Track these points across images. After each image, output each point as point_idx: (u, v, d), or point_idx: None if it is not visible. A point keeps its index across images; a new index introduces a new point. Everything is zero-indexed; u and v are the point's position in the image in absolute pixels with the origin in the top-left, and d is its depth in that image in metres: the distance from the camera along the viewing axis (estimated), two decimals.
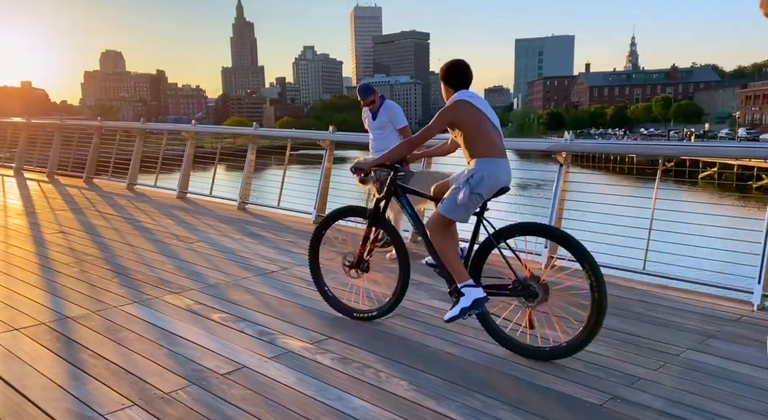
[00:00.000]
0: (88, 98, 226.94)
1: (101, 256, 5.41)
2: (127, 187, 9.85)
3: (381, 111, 5.61)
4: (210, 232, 6.63)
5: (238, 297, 4.26)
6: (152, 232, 6.54)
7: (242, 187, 8.20)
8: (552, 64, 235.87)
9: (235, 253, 5.65)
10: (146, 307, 4.02)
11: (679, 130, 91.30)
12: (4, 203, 8.39)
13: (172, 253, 5.57)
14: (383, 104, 5.63)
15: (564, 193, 5.01)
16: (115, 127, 11.10)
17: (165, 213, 7.77)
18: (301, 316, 3.87)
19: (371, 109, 5.67)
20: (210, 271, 4.97)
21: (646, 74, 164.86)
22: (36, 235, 6.35)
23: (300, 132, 8.72)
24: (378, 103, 5.63)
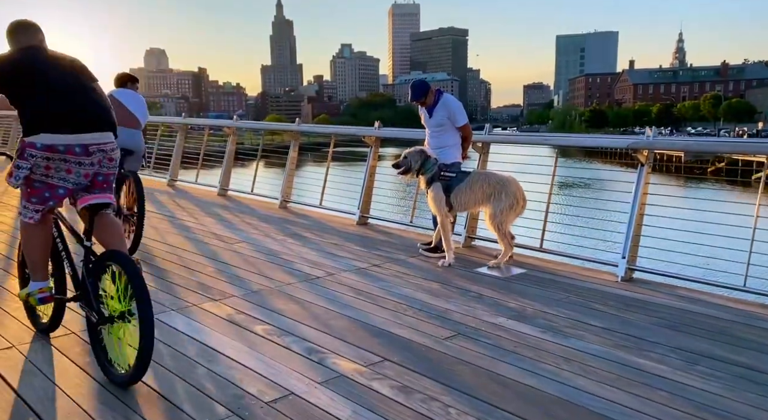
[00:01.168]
0: None
1: (140, 258, 5.13)
2: (168, 183, 9.68)
3: (438, 108, 5.15)
4: (252, 232, 6.32)
5: (283, 306, 3.90)
6: (193, 231, 6.27)
7: (284, 185, 7.88)
8: (594, 61, 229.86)
9: (277, 255, 5.30)
10: (184, 316, 3.69)
11: (730, 129, 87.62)
12: None
13: (212, 255, 5.27)
14: (440, 100, 5.16)
15: (645, 197, 4.46)
16: (156, 122, 10.97)
17: (206, 211, 7.52)
18: (351, 331, 3.47)
19: (425, 106, 5.22)
20: (252, 275, 4.63)
21: (694, 71, 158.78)
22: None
23: (344, 128, 8.37)
24: (433, 99, 5.17)
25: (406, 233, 6.31)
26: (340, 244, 5.76)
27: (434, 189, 4.87)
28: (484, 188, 4.72)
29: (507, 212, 4.61)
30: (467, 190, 4.78)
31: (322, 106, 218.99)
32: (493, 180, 4.74)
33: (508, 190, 4.65)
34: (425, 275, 4.65)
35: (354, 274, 4.68)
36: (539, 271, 4.74)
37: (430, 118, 5.24)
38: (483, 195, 4.72)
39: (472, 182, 4.80)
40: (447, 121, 5.16)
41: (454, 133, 5.21)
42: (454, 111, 5.12)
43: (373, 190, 6.90)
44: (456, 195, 4.83)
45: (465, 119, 5.17)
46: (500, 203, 4.62)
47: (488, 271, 4.74)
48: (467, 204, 4.86)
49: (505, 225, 4.66)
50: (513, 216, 4.67)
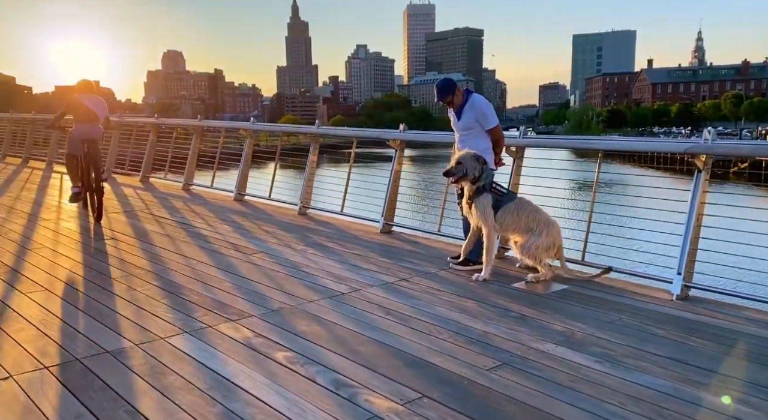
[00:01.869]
0: (150, 96, 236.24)
1: (152, 270, 4.84)
2: (183, 187, 9.42)
3: (466, 109, 4.77)
4: (270, 241, 5.99)
5: (306, 328, 3.55)
6: (208, 240, 5.96)
7: (303, 190, 7.56)
8: (611, 60, 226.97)
9: (299, 268, 4.97)
10: (198, 339, 3.36)
11: (752, 129, 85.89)
12: (59, 204, 8.08)
13: (229, 267, 4.95)
14: (468, 100, 4.77)
15: (703, 206, 4.03)
16: (172, 125, 10.74)
17: (222, 217, 7.22)
18: (382, 359, 3.11)
19: (454, 108, 4.83)
20: (272, 291, 4.29)
21: (713, 70, 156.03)
22: (86, 242, 5.88)
23: (367, 131, 8.00)
24: (461, 100, 4.78)
25: (433, 243, 5.94)
26: (365, 255, 5.40)
27: (484, 199, 4.47)
28: (529, 219, 4.41)
29: (541, 251, 4.36)
30: (515, 213, 4.42)
31: (338, 106, 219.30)
32: (540, 216, 4.46)
33: (550, 231, 4.40)
34: (459, 291, 4.28)
35: (381, 290, 4.33)
36: (583, 287, 4.34)
37: (458, 120, 4.86)
38: (526, 225, 4.41)
39: (520, 208, 4.46)
40: (476, 124, 4.77)
41: (485, 136, 4.82)
42: (483, 112, 4.73)
43: (397, 196, 6.53)
44: (503, 214, 4.45)
45: (495, 121, 4.77)
46: (538, 238, 4.35)
47: (526, 288, 4.35)
48: (508, 227, 4.51)
49: (540, 259, 4.35)
50: (545, 255, 4.36)
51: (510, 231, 4.52)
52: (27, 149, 13.95)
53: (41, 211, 7.47)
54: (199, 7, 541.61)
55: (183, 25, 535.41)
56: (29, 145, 13.96)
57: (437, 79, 4.91)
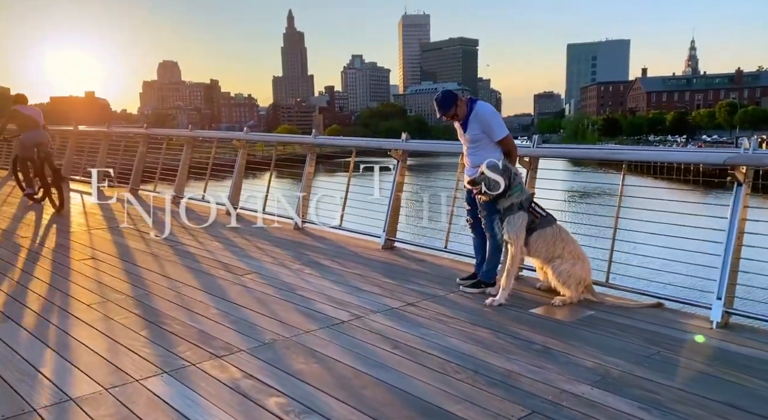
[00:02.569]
0: (145, 107, 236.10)
1: (132, 294, 4.39)
2: (173, 199, 8.96)
3: (471, 120, 4.34)
4: (264, 259, 5.55)
5: (302, 366, 3.11)
6: (196, 259, 5.52)
7: (299, 203, 7.12)
8: (606, 69, 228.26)
9: (294, 290, 4.53)
10: (179, 381, 2.92)
11: (748, 137, 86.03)
12: (40, 220, 7.61)
13: (217, 291, 4.50)
14: (473, 111, 4.35)
15: (744, 223, 3.62)
16: (162, 135, 10.31)
17: (212, 233, 6.77)
18: (392, 406, 2.67)
19: (457, 119, 4.41)
20: (264, 319, 3.85)
21: (707, 79, 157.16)
22: (63, 262, 5.42)
23: (367, 140, 7.61)
24: (465, 111, 4.36)
25: (439, 260, 5.51)
26: (366, 275, 4.97)
27: (519, 218, 4.04)
28: (564, 252, 4.01)
29: (574, 281, 3.98)
30: (551, 241, 4.01)
31: (334, 116, 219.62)
32: (576, 250, 4.08)
33: (584, 265, 4.02)
34: (472, 319, 3.85)
35: (386, 317, 3.89)
36: (610, 313, 3.91)
37: (465, 132, 4.44)
38: (556, 254, 4.01)
39: (557, 237, 4.05)
40: (483, 135, 4.35)
41: (494, 148, 4.39)
42: (488, 122, 4.30)
43: (400, 210, 6.11)
44: (538, 239, 4.04)
45: (504, 131, 4.34)
46: (573, 266, 3.97)
47: (546, 313, 3.92)
48: (539, 253, 4.09)
49: (571, 288, 3.99)
50: (577, 287, 4.01)
51: (540, 257, 4.10)
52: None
53: (18, 228, 7.02)
54: (194, 18, 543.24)
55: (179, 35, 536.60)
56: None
57: (433, 88, 4.50)
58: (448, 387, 2.84)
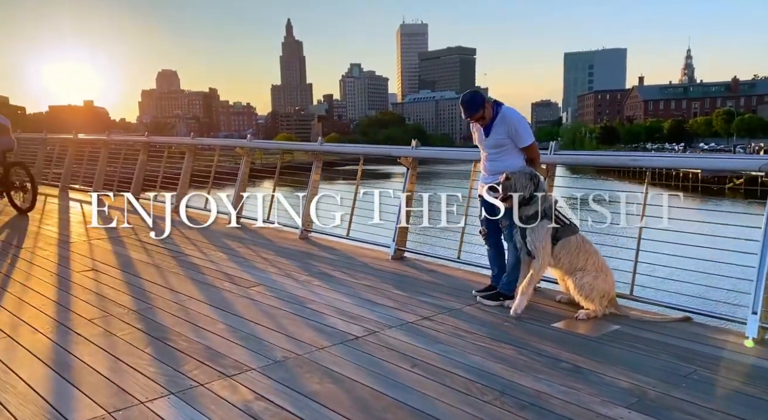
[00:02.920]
0: (144, 116, 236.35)
1: (135, 309, 4.21)
2: (174, 209, 8.78)
3: (496, 124, 4.17)
4: (270, 270, 5.37)
5: (318, 386, 2.92)
6: (200, 271, 5.34)
7: (304, 212, 6.95)
8: (603, 78, 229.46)
9: (303, 303, 4.35)
10: (187, 404, 2.73)
11: (745, 145, 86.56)
12: (39, 230, 7.43)
13: (224, 304, 4.32)
14: (498, 114, 4.18)
15: None
16: (163, 143, 10.16)
17: (216, 243, 6.59)
18: None
19: (482, 123, 4.24)
20: (274, 335, 3.67)
21: (704, 87, 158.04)
22: (63, 274, 5.24)
23: (376, 147, 7.47)
24: (491, 115, 4.19)
25: (452, 271, 5.33)
26: (377, 287, 4.79)
27: (544, 227, 3.86)
28: (587, 263, 3.84)
29: (597, 294, 3.79)
30: (575, 251, 3.85)
31: (332, 124, 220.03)
32: (599, 261, 3.90)
33: (608, 278, 3.84)
34: (493, 334, 3.67)
35: (402, 333, 3.71)
36: (636, 327, 3.73)
37: (486, 137, 4.27)
38: (581, 267, 3.84)
39: (581, 247, 3.87)
40: (508, 141, 4.18)
41: (518, 155, 4.23)
42: (516, 127, 4.14)
43: (410, 219, 5.94)
44: (562, 248, 3.87)
45: (531, 137, 4.19)
46: (596, 279, 3.80)
47: (568, 328, 3.74)
48: (561, 264, 3.93)
49: (594, 301, 3.82)
50: (601, 301, 3.83)
51: (563, 268, 3.93)
52: None
53: (16, 239, 6.83)
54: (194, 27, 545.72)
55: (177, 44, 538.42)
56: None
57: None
58: (476, 411, 2.66)
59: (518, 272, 4.28)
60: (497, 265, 4.46)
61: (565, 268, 3.91)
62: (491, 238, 4.42)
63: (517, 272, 4.28)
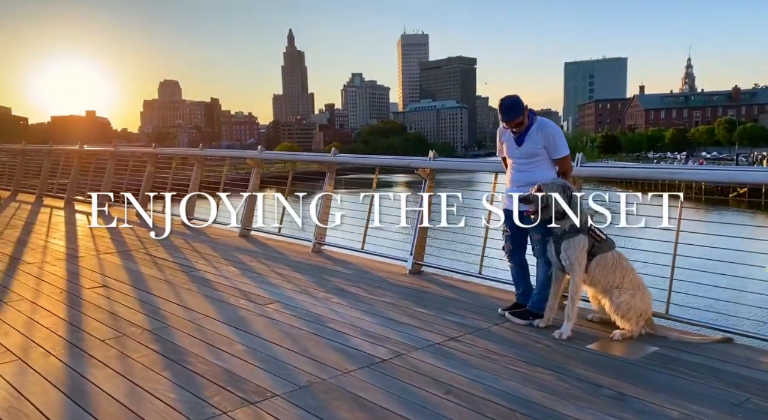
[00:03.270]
0: (146, 126, 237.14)
1: (149, 328, 4.04)
2: (183, 222, 8.64)
3: (532, 132, 4.01)
4: (285, 286, 5.21)
5: (348, 415, 2.76)
6: (214, 287, 5.18)
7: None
8: (603, 87, 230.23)
9: (323, 322, 4.18)
10: None
11: (747, 154, 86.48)
12: (46, 244, 7.28)
13: (240, 323, 4.15)
14: (534, 123, 4.04)
15: None
16: (171, 154, 10.03)
17: (227, 257, 6.44)
18: None
19: (519, 129, 4.08)
20: (296, 357, 3.50)
21: (705, 96, 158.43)
22: (72, 290, 5.08)
23: (392, 158, 7.33)
24: (527, 123, 4.05)
25: (474, 287, 5.16)
26: (398, 304, 4.63)
27: (580, 242, 3.69)
28: (624, 280, 3.66)
29: (634, 314, 3.62)
30: (611, 268, 3.67)
31: (334, 133, 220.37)
32: (636, 278, 3.73)
33: (644, 296, 3.67)
34: (527, 357, 3.50)
35: (429, 355, 3.54)
36: (675, 349, 3.56)
37: (519, 146, 4.10)
38: (617, 285, 3.68)
39: (617, 263, 3.69)
40: (543, 151, 4.02)
41: (550, 166, 4.08)
42: (554, 138, 3.99)
43: (427, 231, 5.78)
44: (597, 265, 3.69)
45: (567, 149, 4.04)
46: (633, 298, 3.62)
47: (604, 350, 3.57)
48: (597, 281, 3.75)
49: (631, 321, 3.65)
50: (638, 321, 3.67)
51: (598, 287, 3.76)
52: (16, 181, 13.19)
53: (24, 253, 6.67)
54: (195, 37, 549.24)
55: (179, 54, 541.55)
56: (19, 177, 13.20)
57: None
58: None
59: (548, 289, 4.13)
60: (523, 283, 4.30)
61: (600, 285, 3.74)
62: (516, 255, 4.26)
63: (548, 290, 4.12)
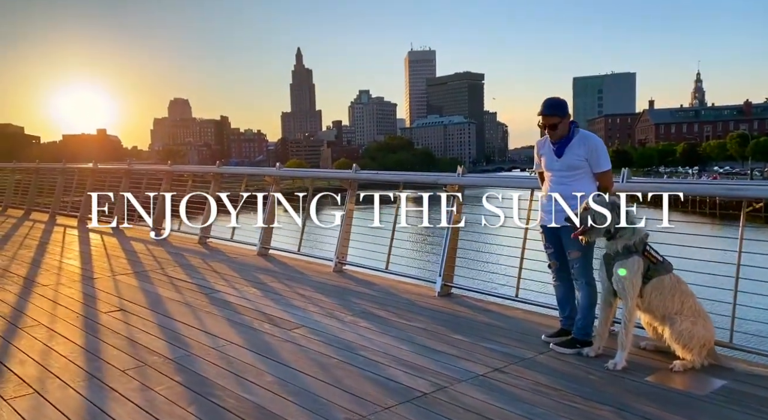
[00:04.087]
0: (156, 143, 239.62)
1: (171, 356, 3.81)
2: (199, 241, 8.45)
3: (574, 144, 3.80)
4: (310, 309, 4.97)
5: None
6: (235, 310, 4.94)
7: (339, 243, 6.57)
8: (612, 102, 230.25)
9: (354, 350, 3.93)
10: None
11: (762, 169, 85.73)
12: (60, 265, 7.09)
13: (267, 351, 3.91)
14: (576, 135, 3.82)
15: None
16: (187, 172, 9.88)
17: (247, 278, 6.21)
18: None
19: (554, 138, 3.86)
20: (330, 391, 3.24)
21: (716, 110, 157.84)
22: (89, 314, 4.87)
23: (418, 175, 7.11)
24: (566, 132, 3.83)
25: (510, 311, 4.89)
26: (431, 330, 4.36)
27: (634, 264, 3.43)
28: (684, 306, 3.39)
29: (697, 343, 3.34)
30: (669, 293, 3.40)
31: (341, 150, 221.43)
32: (696, 305, 3.45)
33: (707, 324, 3.40)
34: (581, 390, 3.21)
35: (474, 388, 3.27)
36: (746, 383, 3.25)
37: (559, 157, 3.88)
38: (675, 310, 3.40)
39: (676, 288, 3.42)
40: (585, 163, 3.80)
41: (590, 180, 3.85)
42: (597, 151, 3.77)
43: (456, 252, 5.53)
44: (654, 289, 3.42)
45: (609, 163, 3.82)
46: (695, 326, 3.34)
47: (668, 384, 3.28)
48: (654, 307, 3.46)
49: (694, 352, 3.36)
50: (701, 352, 3.39)
51: (652, 311, 3.49)
52: (30, 200, 13.11)
53: (39, 275, 6.47)
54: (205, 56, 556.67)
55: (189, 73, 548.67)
56: (32, 195, 13.12)
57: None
58: None
59: (593, 314, 3.86)
60: (569, 304, 4.03)
61: (657, 311, 3.46)
62: (563, 272, 4.00)
63: (592, 314, 3.85)
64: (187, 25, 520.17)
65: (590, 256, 3.87)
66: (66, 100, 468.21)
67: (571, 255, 3.87)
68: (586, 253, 3.83)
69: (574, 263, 3.87)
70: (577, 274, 3.87)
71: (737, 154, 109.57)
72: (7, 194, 14.01)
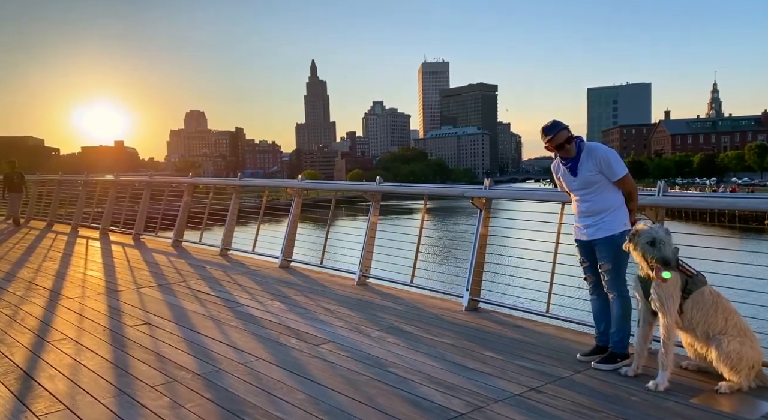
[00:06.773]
0: (172, 155, 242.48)
1: (199, 371, 3.76)
2: (221, 253, 8.44)
3: (583, 160, 3.76)
4: (336, 324, 4.90)
5: None
6: (261, 324, 4.89)
7: (363, 256, 6.51)
8: (627, 112, 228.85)
9: (384, 366, 3.85)
10: None
11: None
12: (84, 277, 7.11)
13: (296, 367, 3.84)
14: (583, 149, 3.78)
15: None
16: (208, 183, 9.91)
17: (270, 291, 6.17)
18: None
19: (564, 156, 3.80)
20: (363, 409, 3.16)
21: (734, 121, 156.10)
22: (115, 327, 4.84)
23: (443, 187, 7.05)
24: (573, 151, 3.77)
25: (540, 326, 4.78)
26: (462, 346, 4.27)
27: (674, 278, 3.35)
28: (728, 323, 3.25)
29: (746, 364, 3.20)
30: (710, 308, 3.27)
31: (355, 161, 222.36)
32: (740, 321, 3.31)
33: (754, 343, 3.27)
34: (624, 413, 3.10)
35: (512, 409, 3.17)
36: None
37: (574, 177, 3.81)
38: (719, 329, 3.27)
39: (716, 302, 3.29)
40: (599, 177, 3.73)
41: (613, 190, 3.78)
42: (607, 159, 3.71)
43: (484, 266, 5.44)
44: (693, 304, 3.31)
45: (624, 168, 3.74)
46: (742, 346, 3.20)
47: (714, 406, 3.15)
48: (694, 324, 3.33)
49: (741, 373, 3.22)
50: (748, 373, 3.26)
51: (693, 329, 3.36)
52: (52, 212, 13.25)
53: (64, 288, 6.49)
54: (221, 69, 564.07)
55: (206, 85, 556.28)
56: (54, 207, 13.26)
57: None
58: None
59: (629, 325, 3.77)
60: (605, 319, 3.92)
61: (699, 328, 3.33)
62: (599, 287, 3.90)
63: (628, 326, 3.76)
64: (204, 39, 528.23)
65: (623, 268, 3.79)
66: (85, 112, 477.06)
67: (602, 268, 3.80)
68: (618, 266, 3.75)
69: (605, 276, 3.79)
70: (609, 286, 3.79)
71: (756, 165, 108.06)
72: (30, 206, 14.18)
